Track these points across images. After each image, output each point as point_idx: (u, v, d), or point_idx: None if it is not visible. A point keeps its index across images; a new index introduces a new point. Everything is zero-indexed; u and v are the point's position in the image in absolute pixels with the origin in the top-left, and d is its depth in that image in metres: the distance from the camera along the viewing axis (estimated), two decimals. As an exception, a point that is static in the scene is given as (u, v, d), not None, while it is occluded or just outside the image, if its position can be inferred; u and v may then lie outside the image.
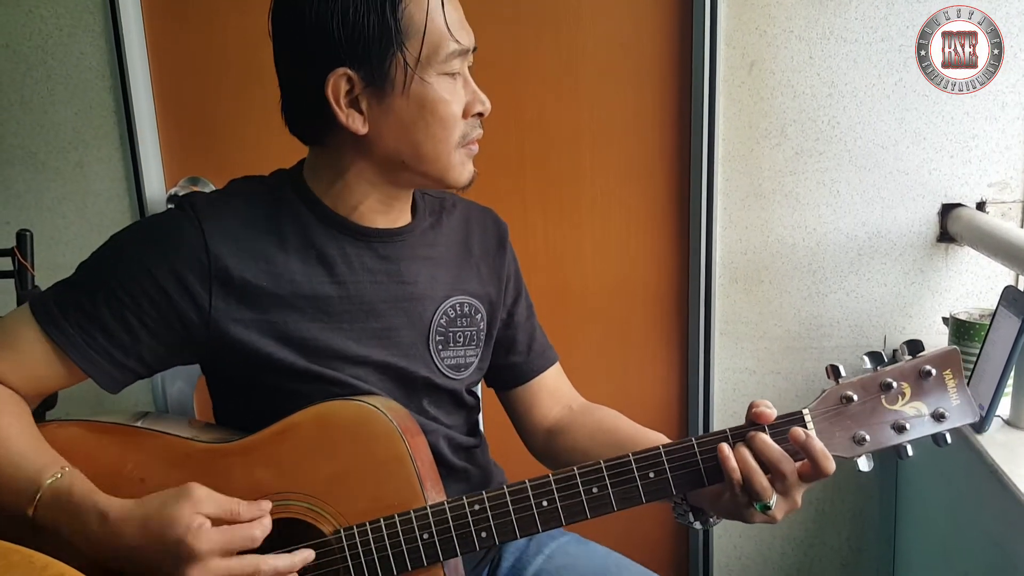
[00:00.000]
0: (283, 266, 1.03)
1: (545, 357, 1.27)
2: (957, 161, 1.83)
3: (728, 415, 1.97)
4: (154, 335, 1.00)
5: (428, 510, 0.97)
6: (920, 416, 0.97)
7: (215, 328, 1.01)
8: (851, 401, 0.96)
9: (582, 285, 1.96)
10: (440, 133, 1.01)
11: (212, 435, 1.03)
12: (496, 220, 1.24)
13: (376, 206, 1.08)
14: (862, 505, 1.99)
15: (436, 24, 0.98)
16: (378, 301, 1.07)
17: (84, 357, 0.99)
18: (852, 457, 0.96)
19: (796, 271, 1.90)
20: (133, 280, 0.99)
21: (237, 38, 1.85)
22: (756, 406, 0.96)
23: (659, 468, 0.97)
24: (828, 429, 0.96)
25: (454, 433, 1.16)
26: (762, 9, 1.78)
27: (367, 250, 1.07)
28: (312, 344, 1.04)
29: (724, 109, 1.83)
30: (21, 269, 1.50)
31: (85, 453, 0.99)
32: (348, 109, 0.99)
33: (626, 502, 0.98)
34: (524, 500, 0.97)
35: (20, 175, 1.89)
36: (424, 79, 0.99)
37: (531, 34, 1.84)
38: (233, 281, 1.00)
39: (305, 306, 1.04)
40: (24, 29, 1.82)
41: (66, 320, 0.99)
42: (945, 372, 0.97)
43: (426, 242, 1.13)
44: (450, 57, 1.00)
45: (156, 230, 1.03)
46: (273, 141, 1.86)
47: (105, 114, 1.86)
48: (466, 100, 1.03)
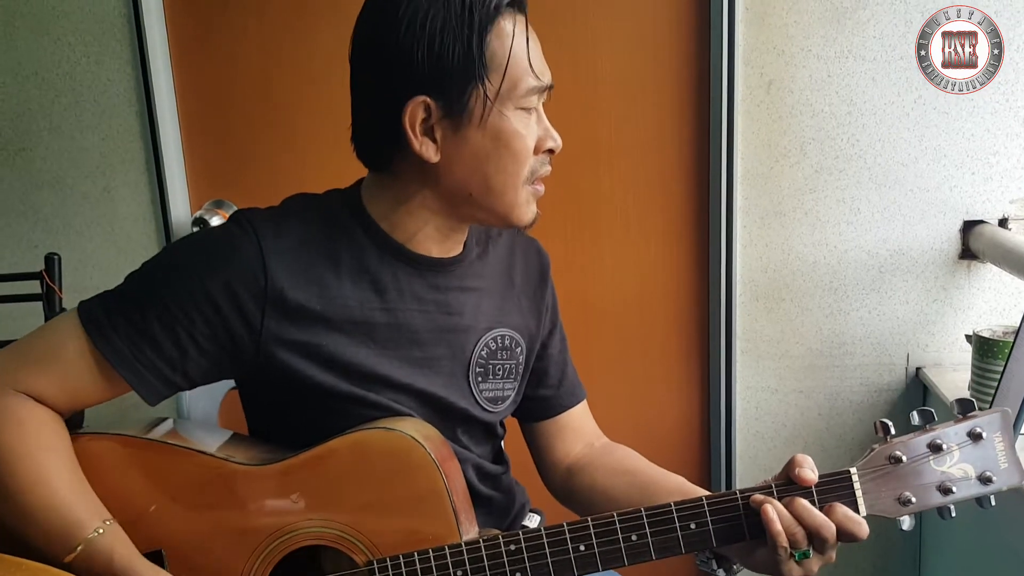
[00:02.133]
0: (336, 290, 1.02)
1: (574, 394, 1.25)
2: (978, 178, 1.82)
3: (750, 434, 1.96)
4: (202, 351, 0.99)
5: (463, 547, 0.96)
6: (967, 479, 0.94)
7: (264, 348, 1.00)
8: (899, 462, 0.94)
9: (602, 304, 1.96)
10: (511, 167, 1.01)
11: (246, 455, 1.02)
12: (540, 251, 1.23)
13: (434, 234, 1.06)
14: (887, 526, 1.97)
15: (518, 60, 0.98)
16: (423, 330, 1.06)
17: (131, 371, 0.97)
18: (896, 517, 0.95)
19: (817, 289, 1.89)
20: (187, 294, 0.96)
21: (261, 64, 1.88)
22: (798, 467, 0.94)
23: (701, 519, 0.95)
24: (874, 490, 0.95)
25: (482, 461, 1.15)
26: (780, 28, 1.79)
27: (419, 279, 1.06)
28: (356, 369, 1.02)
29: (743, 128, 1.83)
30: (49, 292, 1.52)
31: (117, 469, 0.98)
32: (422, 137, 0.98)
33: (665, 551, 0.96)
34: (561, 543, 0.96)
35: (48, 199, 1.92)
36: (502, 112, 0.99)
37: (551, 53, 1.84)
38: (287, 303, 0.99)
39: (353, 331, 1.03)
40: (52, 57, 1.86)
41: (115, 332, 0.96)
42: (995, 434, 0.95)
43: (474, 272, 1.12)
44: (529, 93, 1.00)
45: (214, 245, 1.00)
46: (296, 165, 1.91)
47: (131, 139, 1.89)
48: (538, 136, 1.03)
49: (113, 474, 0.97)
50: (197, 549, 0.97)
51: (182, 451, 1.01)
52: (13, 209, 1.92)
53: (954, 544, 1.80)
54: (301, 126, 1.89)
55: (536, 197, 1.06)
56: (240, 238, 0.99)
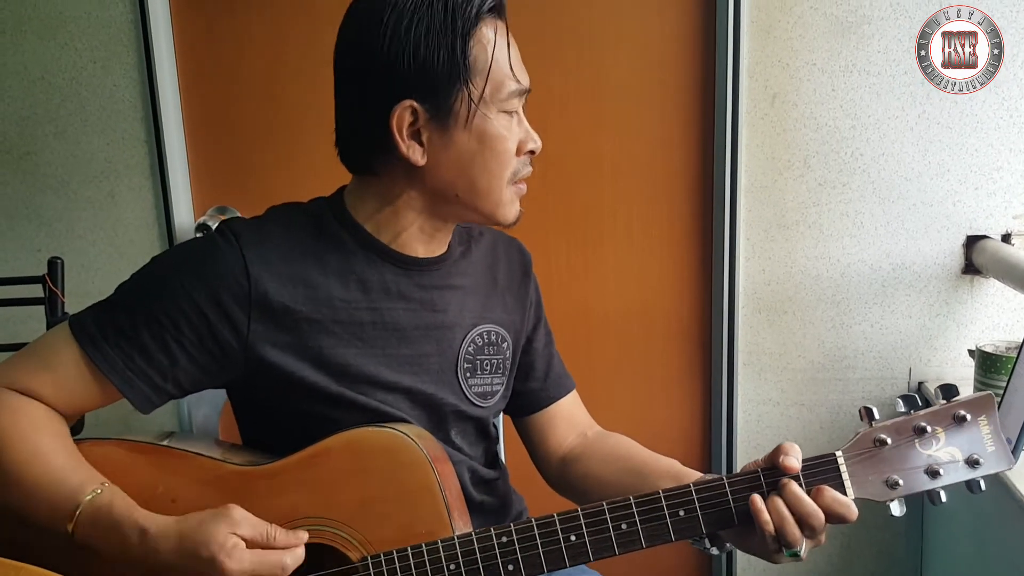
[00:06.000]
0: (323, 291, 1.04)
1: (562, 385, 1.28)
2: (981, 193, 1.82)
3: (751, 447, 1.96)
4: (192, 359, 1.01)
5: (456, 540, 0.97)
6: (954, 462, 0.95)
7: (252, 352, 1.02)
8: (884, 444, 0.95)
9: (604, 315, 1.96)
10: (496, 168, 1.04)
11: (242, 457, 1.04)
12: (521, 249, 1.26)
13: (418, 235, 1.09)
14: (888, 538, 1.97)
15: (500, 64, 1.01)
16: (410, 328, 1.09)
17: (122, 378, 1.00)
18: (885, 501, 0.95)
19: (820, 302, 1.89)
20: (173, 304, 0.99)
21: (266, 71, 1.88)
22: (783, 454, 0.95)
23: (689, 507, 0.96)
24: (861, 472, 0.95)
25: (476, 465, 1.16)
26: (784, 42, 1.80)
27: (405, 278, 1.09)
28: (346, 369, 1.04)
29: (747, 141, 1.83)
30: (52, 296, 1.52)
31: (119, 471, 0.99)
32: (409, 140, 1.01)
33: (655, 539, 0.97)
34: (552, 534, 0.97)
35: (52, 203, 1.92)
36: (486, 115, 1.02)
37: (555, 65, 1.86)
38: (272, 305, 1.01)
39: (341, 331, 1.05)
40: (59, 62, 1.86)
41: (105, 341, 0.99)
42: (980, 417, 0.95)
43: (458, 271, 1.15)
44: (510, 96, 1.03)
45: (197, 254, 1.03)
46: (301, 171, 1.91)
47: (136, 144, 1.89)
48: (520, 138, 1.06)
49: (112, 477, 0.98)
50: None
51: (180, 453, 1.03)
52: (17, 213, 1.93)
53: (955, 560, 1.79)
54: (305, 132, 1.89)
55: (519, 195, 1.09)
56: (223, 245, 1.02)
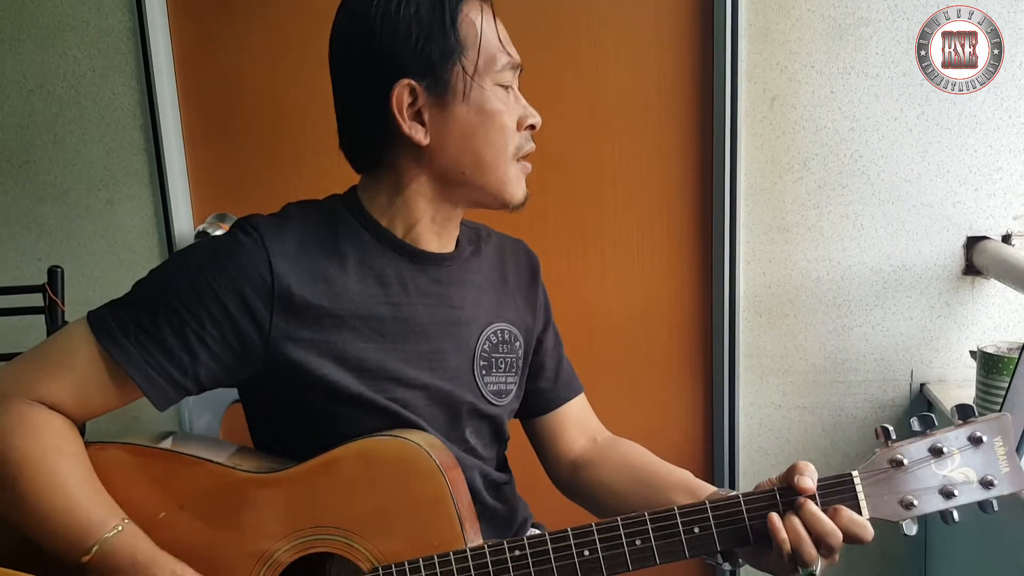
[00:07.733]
0: (342, 286, 1.04)
1: (571, 387, 1.28)
2: (981, 194, 1.82)
3: (754, 450, 1.96)
4: (212, 354, 0.99)
5: (468, 553, 0.96)
6: (969, 483, 0.95)
7: (273, 348, 1.01)
8: (900, 465, 0.95)
9: (605, 318, 1.96)
10: (499, 140, 1.05)
11: (252, 463, 1.02)
12: (528, 252, 1.27)
13: (431, 226, 1.10)
14: (891, 541, 1.96)
15: (488, 38, 1.04)
16: (429, 323, 1.09)
17: (143, 375, 0.97)
18: (899, 521, 0.95)
19: (821, 305, 1.89)
20: (196, 299, 0.98)
21: (265, 78, 1.88)
22: (799, 473, 0.95)
23: (704, 524, 0.95)
24: (877, 492, 0.95)
25: (488, 468, 1.16)
26: (783, 45, 1.80)
27: (421, 273, 1.09)
28: (366, 365, 1.04)
29: (746, 143, 1.83)
30: (52, 305, 1.52)
31: (126, 476, 0.98)
32: (411, 121, 1.03)
33: (669, 556, 0.96)
34: (565, 549, 0.96)
35: (52, 212, 1.92)
36: (482, 87, 1.04)
37: (553, 68, 1.86)
38: (294, 301, 1.00)
39: (361, 326, 1.04)
40: (58, 70, 1.86)
41: (125, 337, 0.97)
42: (996, 438, 0.95)
43: (470, 268, 1.15)
44: (504, 68, 1.05)
45: (220, 250, 1.02)
46: (300, 178, 1.91)
47: (135, 153, 1.89)
48: (519, 113, 1.07)
49: (121, 482, 0.97)
50: (205, 556, 0.97)
51: (190, 459, 1.01)
52: (17, 221, 1.93)
53: (959, 562, 1.79)
54: (304, 139, 1.89)
55: (524, 174, 1.10)
56: (245, 242, 1.01)
